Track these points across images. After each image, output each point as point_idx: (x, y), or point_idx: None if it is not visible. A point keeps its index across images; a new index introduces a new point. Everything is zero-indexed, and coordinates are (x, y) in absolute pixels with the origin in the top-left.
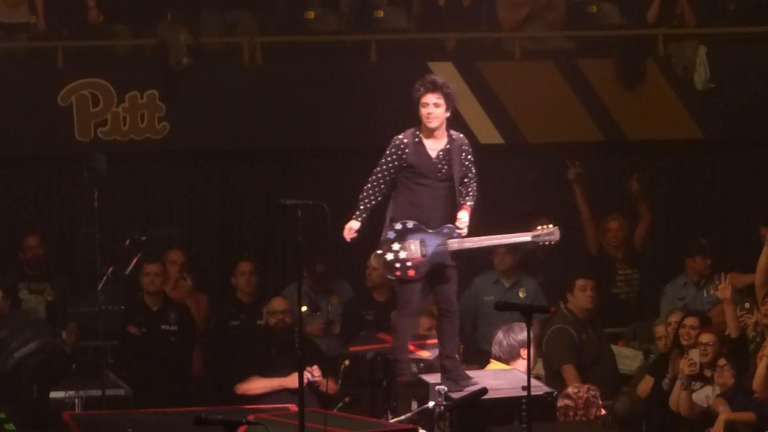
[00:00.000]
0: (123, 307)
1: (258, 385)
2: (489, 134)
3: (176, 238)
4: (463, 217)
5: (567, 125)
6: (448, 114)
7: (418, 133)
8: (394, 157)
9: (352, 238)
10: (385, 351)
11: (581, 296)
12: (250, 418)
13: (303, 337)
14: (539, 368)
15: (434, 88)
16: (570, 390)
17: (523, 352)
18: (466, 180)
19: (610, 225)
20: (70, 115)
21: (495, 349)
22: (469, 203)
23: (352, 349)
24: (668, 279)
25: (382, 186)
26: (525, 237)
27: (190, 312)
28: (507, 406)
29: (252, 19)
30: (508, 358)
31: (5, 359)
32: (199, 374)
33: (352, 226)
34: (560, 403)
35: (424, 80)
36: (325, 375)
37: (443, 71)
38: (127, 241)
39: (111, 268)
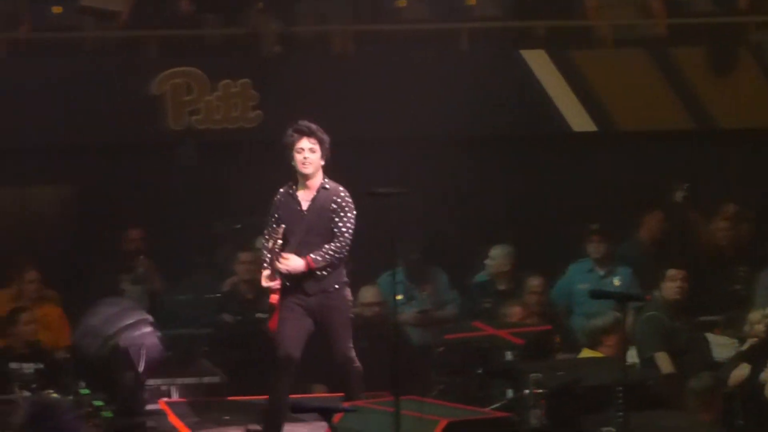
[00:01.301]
0: (218, 295)
1: None
2: (582, 122)
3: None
4: (287, 261)
5: (659, 113)
6: (323, 162)
7: (293, 185)
8: (273, 217)
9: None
10: (481, 339)
11: (670, 286)
12: (346, 405)
13: (397, 328)
14: (633, 356)
15: (310, 132)
16: None
17: (605, 339)
18: (335, 232)
19: (720, 224)
20: (163, 103)
21: (579, 337)
22: (313, 257)
23: (447, 337)
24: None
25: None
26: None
27: None
28: (602, 394)
29: (343, 8)
30: (591, 345)
31: (101, 346)
32: None
33: (265, 275)
34: None
35: (297, 126)
36: (413, 365)
37: (535, 59)
38: (221, 230)
39: (206, 257)
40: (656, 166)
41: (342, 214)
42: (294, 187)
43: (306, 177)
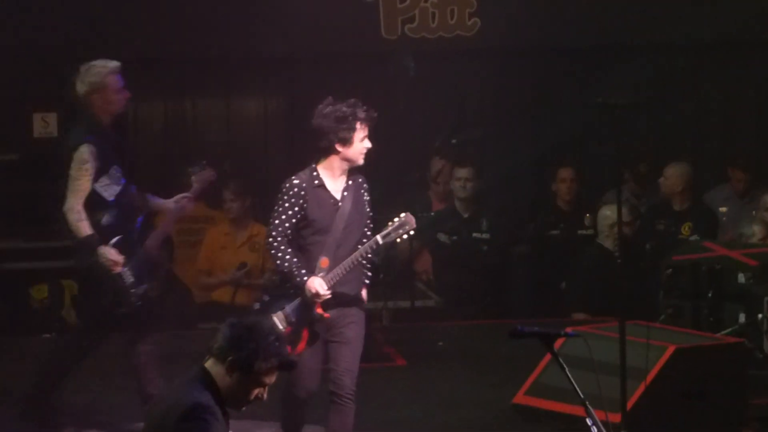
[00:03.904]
0: (432, 214)
1: None
2: None
3: (486, 140)
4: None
5: None
6: None
7: (316, 174)
8: (292, 211)
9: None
10: (711, 260)
11: None
12: (568, 330)
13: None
14: None
15: (373, 121)
16: None
17: None
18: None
19: None
20: (376, 11)
21: None
22: (367, 281)
23: (676, 258)
24: None
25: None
26: (376, 241)
27: (502, 219)
28: None
29: None
30: None
31: None
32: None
33: (318, 284)
34: None
35: (365, 112)
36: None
37: None
38: (437, 144)
39: (421, 173)
40: None
41: (370, 204)
42: (319, 177)
43: (347, 167)
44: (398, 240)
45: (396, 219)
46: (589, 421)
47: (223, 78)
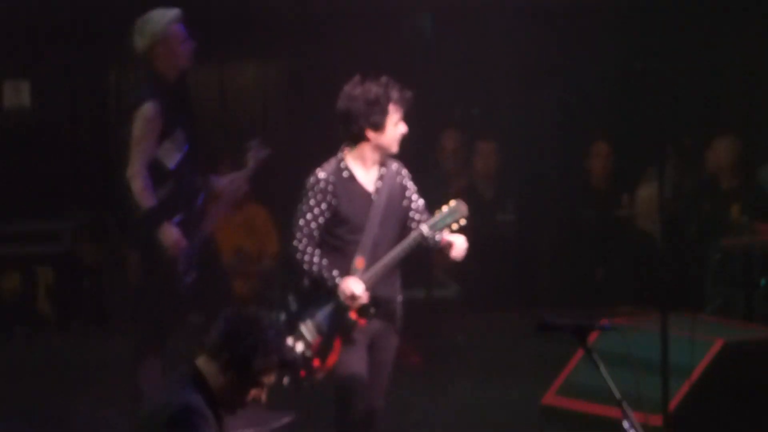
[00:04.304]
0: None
1: None
2: None
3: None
4: (458, 240)
5: None
6: None
7: (345, 165)
8: (318, 209)
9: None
10: (764, 244)
11: None
12: (603, 322)
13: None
14: None
15: (408, 101)
16: None
17: None
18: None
19: None
20: None
21: None
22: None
23: (725, 242)
24: None
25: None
26: (420, 233)
27: (530, 199)
28: None
29: None
30: None
31: None
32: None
33: (357, 283)
34: None
35: (401, 92)
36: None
37: None
38: (455, 115)
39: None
40: None
41: (414, 189)
42: (348, 167)
43: (381, 156)
44: (448, 230)
45: (445, 207)
46: (626, 424)
47: (216, 40)
